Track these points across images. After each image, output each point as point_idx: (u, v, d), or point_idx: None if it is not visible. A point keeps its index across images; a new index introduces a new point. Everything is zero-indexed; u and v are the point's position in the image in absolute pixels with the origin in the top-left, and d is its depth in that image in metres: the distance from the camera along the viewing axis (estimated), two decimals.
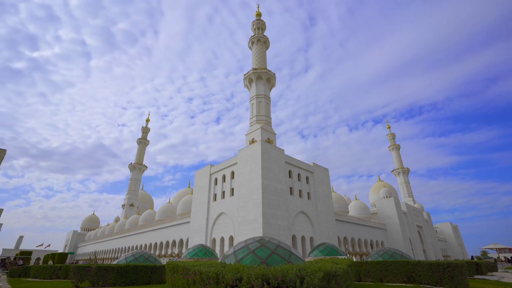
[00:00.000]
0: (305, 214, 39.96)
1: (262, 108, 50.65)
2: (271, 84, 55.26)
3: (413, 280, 17.21)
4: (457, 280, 15.36)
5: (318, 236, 40.30)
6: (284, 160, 39.45)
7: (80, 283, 17.58)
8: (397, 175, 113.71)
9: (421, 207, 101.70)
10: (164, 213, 65.47)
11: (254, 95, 52.01)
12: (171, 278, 10.01)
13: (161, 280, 18.91)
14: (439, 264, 16.30)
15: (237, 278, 6.08)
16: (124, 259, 21.63)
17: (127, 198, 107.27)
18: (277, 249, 10.74)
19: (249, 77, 53.99)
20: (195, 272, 7.44)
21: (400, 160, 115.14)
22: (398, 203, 68.94)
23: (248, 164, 36.84)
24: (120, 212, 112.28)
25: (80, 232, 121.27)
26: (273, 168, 36.50)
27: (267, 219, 32.50)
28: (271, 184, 35.03)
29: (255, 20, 62.39)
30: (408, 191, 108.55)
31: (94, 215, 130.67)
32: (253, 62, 57.90)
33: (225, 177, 42.13)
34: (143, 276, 18.24)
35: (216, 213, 40.73)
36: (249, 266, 6.93)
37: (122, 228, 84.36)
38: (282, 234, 33.50)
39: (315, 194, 43.34)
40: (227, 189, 40.61)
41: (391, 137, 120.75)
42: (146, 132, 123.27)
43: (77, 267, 18.12)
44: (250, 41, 60.24)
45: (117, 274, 17.35)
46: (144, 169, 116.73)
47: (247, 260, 10.10)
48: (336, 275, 7.07)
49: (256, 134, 47.14)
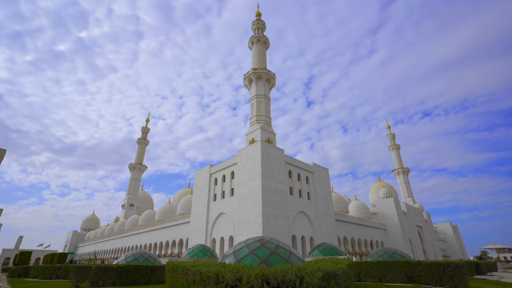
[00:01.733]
0: (305, 214, 39.96)
1: (262, 108, 50.66)
2: (271, 84, 55.29)
3: (413, 280, 17.21)
4: (457, 280, 15.37)
5: (318, 236, 40.31)
6: (284, 160, 39.45)
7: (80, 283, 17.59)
8: (397, 175, 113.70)
9: (421, 207, 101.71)
10: (164, 213, 65.47)
11: (254, 95, 52.03)
12: (171, 278, 10.01)
13: (161, 280, 18.92)
14: (439, 264, 16.31)
15: (237, 278, 6.08)
16: (124, 259, 21.63)
17: (127, 198, 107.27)
18: (277, 249, 10.74)
19: (249, 77, 54.01)
20: (195, 272, 7.44)
21: (400, 160, 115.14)
22: (398, 203, 68.95)
23: (248, 164, 36.84)
24: (120, 212, 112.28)
25: (80, 232, 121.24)
26: (273, 168, 36.50)
27: (267, 219, 32.50)
28: (271, 184, 35.03)
29: (255, 20, 62.36)
30: (408, 191, 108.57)
31: (94, 215, 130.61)
32: (253, 62, 57.91)
33: (225, 177, 42.14)
34: (143, 276, 18.25)
35: (216, 213, 40.73)
36: (249, 266, 6.94)
37: (122, 228, 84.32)
38: (282, 234, 33.50)
39: (315, 194, 43.34)
40: (227, 189, 40.61)
41: (390, 137, 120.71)
42: (146, 132, 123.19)
43: (77, 267, 18.13)
44: (250, 41, 60.24)
45: (117, 274, 17.36)
46: (144, 169, 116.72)
47: (247, 260, 10.11)
48: (335, 275, 7.08)
49: (256, 134, 47.15)
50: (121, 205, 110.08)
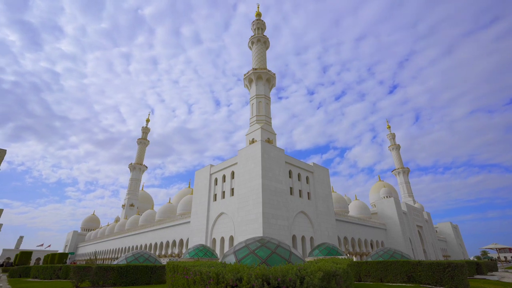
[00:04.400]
0: (305, 214, 39.96)
1: (262, 108, 50.68)
2: (271, 84, 55.30)
3: (413, 280, 17.21)
4: (457, 280, 15.36)
5: (318, 236, 40.30)
6: (284, 160, 39.44)
7: (80, 283, 17.59)
8: (397, 175, 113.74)
9: (421, 207, 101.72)
10: (164, 213, 65.45)
11: (254, 95, 52.04)
12: (171, 278, 10.01)
13: (161, 280, 18.92)
14: (439, 264, 16.30)
15: (237, 278, 6.08)
16: (125, 259, 21.64)
17: (127, 198, 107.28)
18: (277, 249, 10.74)
19: (249, 77, 54.03)
20: (195, 272, 7.44)
21: (400, 160, 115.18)
22: (398, 203, 68.93)
23: (248, 164, 36.84)
24: (120, 212, 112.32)
25: (81, 232, 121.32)
26: (273, 168, 36.50)
27: (267, 219, 32.50)
28: (271, 184, 35.03)
29: (255, 20, 62.34)
30: (408, 191, 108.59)
31: (94, 215, 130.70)
32: (253, 62, 57.92)
33: (225, 177, 42.14)
34: (143, 276, 18.26)
35: (216, 213, 40.74)
36: (249, 266, 6.94)
37: (122, 228, 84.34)
38: (282, 234, 33.50)
39: (315, 194, 43.34)
40: (227, 189, 40.61)
41: (391, 137, 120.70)
42: (146, 132, 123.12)
43: (77, 267, 18.13)
44: (250, 41, 60.24)
45: (118, 274, 17.37)
46: (144, 169, 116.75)
47: (247, 260, 10.11)
48: (336, 275, 7.08)
49: (256, 134, 47.16)
50: (121, 205, 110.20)
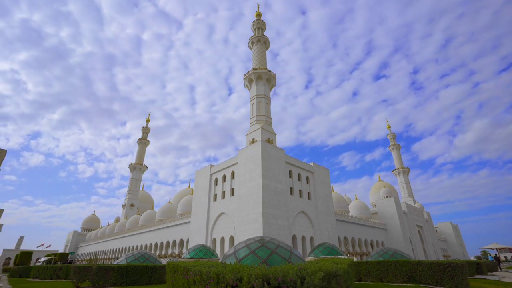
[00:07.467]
0: (305, 214, 39.95)
1: (262, 108, 50.68)
2: (271, 84, 55.33)
3: (413, 280, 17.20)
4: (458, 280, 15.35)
5: (318, 236, 40.30)
6: (284, 160, 39.44)
7: (80, 283, 17.60)
8: (397, 175, 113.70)
9: (421, 207, 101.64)
10: (164, 213, 65.44)
11: (254, 95, 52.04)
12: (171, 278, 10.01)
13: (162, 280, 18.93)
14: (440, 264, 16.30)
15: (238, 278, 6.08)
16: (125, 259, 21.65)
17: (127, 198, 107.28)
18: (277, 249, 10.74)
19: (249, 77, 54.03)
20: (196, 272, 7.44)
21: (400, 160, 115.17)
22: (398, 203, 68.91)
23: (248, 164, 36.84)
24: (121, 212, 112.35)
25: (81, 232, 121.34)
26: (273, 168, 36.49)
27: (267, 219, 32.50)
28: (271, 184, 35.03)
29: (255, 20, 62.34)
30: (409, 191, 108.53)
31: (94, 215, 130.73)
32: (253, 62, 57.93)
33: (225, 177, 42.14)
34: (143, 276, 18.26)
35: (216, 213, 40.73)
36: (250, 266, 6.94)
37: (123, 228, 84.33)
38: (282, 234, 33.49)
39: (315, 194, 43.33)
40: (227, 189, 40.61)
41: (391, 137, 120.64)
42: (146, 133, 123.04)
43: (77, 267, 18.14)
44: (250, 41, 60.24)
45: (118, 274, 17.37)
46: (144, 169, 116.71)
47: (248, 260, 10.11)
48: (336, 275, 7.08)
49: (256, 134, 47.16)
50: (122, 205, 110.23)
